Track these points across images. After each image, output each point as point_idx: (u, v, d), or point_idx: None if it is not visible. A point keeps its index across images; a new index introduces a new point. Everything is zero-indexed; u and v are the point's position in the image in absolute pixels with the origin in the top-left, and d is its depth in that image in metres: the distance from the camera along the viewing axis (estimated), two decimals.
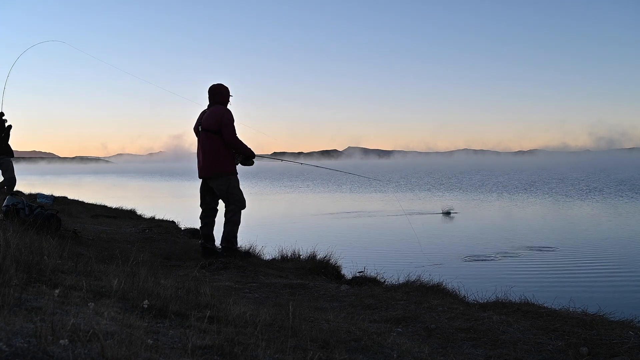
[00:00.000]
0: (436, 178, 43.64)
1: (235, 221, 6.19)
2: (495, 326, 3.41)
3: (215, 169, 6.16)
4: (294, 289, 4.62)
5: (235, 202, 6.18)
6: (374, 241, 11.26)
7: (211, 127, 6.12)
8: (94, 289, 2.73)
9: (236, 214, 6.19)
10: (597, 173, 45.14)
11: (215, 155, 6.14)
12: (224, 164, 6.16)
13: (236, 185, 6.24)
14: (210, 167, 6.18)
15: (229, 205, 6.20)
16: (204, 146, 6.20)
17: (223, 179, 6.17)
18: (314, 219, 15.92)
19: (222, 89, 6.29)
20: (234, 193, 6.18)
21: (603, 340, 3.18)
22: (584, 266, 8.35)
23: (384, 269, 6.53)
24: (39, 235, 4.28)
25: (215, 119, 6.10)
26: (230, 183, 6.18)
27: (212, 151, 6.14)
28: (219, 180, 6.18)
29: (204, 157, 6.21)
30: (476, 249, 9.88)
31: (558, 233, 12.01)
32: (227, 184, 6.17)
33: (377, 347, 2.69)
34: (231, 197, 6.17)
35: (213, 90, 6.29)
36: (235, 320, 2.59)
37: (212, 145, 6.14)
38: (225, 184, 6.17)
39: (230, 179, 6.19)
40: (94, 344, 1.78)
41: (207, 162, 6.19)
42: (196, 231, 10.00)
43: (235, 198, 6.18)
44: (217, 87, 6.29)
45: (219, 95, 6.27)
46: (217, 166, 6.15)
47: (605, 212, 16.82)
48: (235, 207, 6.17)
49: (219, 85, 6.30)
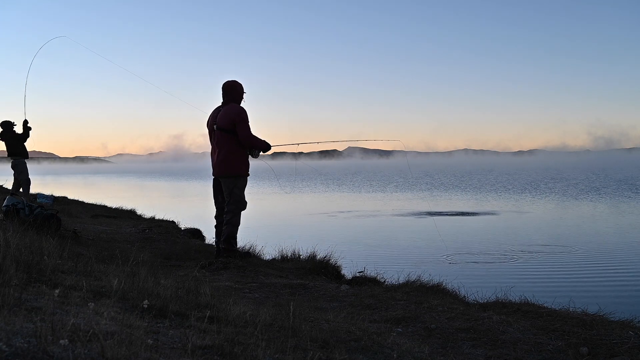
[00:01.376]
0: (436, 178, 43.65)
1: (234, 222, 6.18)
2: (495, 326, 3.41)
3: (228, 169, 6.17)
4: (294, 289, 4.62)
5: (236, 203, 6.17)
6: (374, 241, 11.26)
7: (226, 127, 6.12)
8: (94, 289, 2.73)
9: (236, 215, 6.18)
10: (597, 173, 45.17)
11: (229, 155, 6.15)
12: (236, 165, 6.17)
13: (241, 187, 6.23)
14: (223, 166, 6.19)
15: (229, 205, 6.20)
16: (218, 145, 6.21)
17: (232, 179, 6.18)
18: (314, 219, 15.92)
19: (237, 86, 6.27)
20: (237, 194, 6.18)
21: (603, 340, 3.18)
22: (584, 266, 8.35)
23: (384, 269, 6.53)
24: (39, 235, 4.28)
25: (230, 118, 6.10)
26: (237, 184, 6.19)
27: (226, 151, 6.15)
28: (228, 179, 6.19)
29: (218, 156, 6.21)
30: (476, 249, 9.88)
31: (558, 233, 12.01)
32: (234, 183, 6.17)
33: (377, 347, 2.69)
34: (233, 197, 6.17)
35: (227, 87, 6.24)
36: (235, 320, 2.59)
37: (227, 144, 6.14)
38: (232, 184, 6.17)
39: (239, 179, 6.20)
40: (94, 344, 1.78)
41: (220, 161, 6.19)
42: (196, 231, 10.01)
43: (236, 198, 6.17)
44: (231, 83, 6.26)
45: (234, 93, 6.24)
46: (230, 166, 6.16)
47: (605, 211, 16.83)
48: (235, 207, 6.17)
49: (232, 82, 6.27)
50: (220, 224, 6.32)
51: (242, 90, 6.31)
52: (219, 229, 6.32)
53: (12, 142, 11.23)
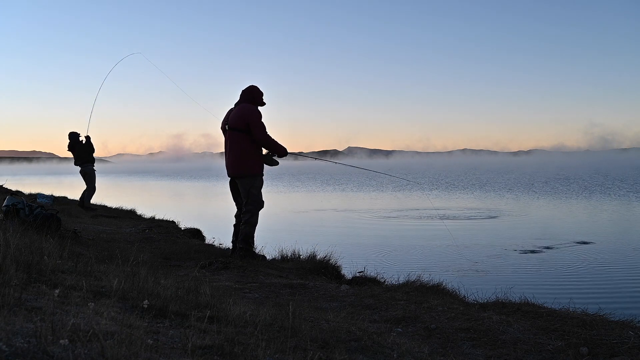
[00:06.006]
0: (435, 178, 43.64)
1: (252, 222, 6.22)
2: (495, 326, 3.41)
3: (242, 169, 6.19)
4: (294, 289, 4.63)
5: (253, 203, 6.21)
6: (375, 241, 11.26)
7: (237, 126, 6.14)
8: (94, 289, 2.73)
9: (254, 215, 6.21)
10: (597, 172, 45.15)
11: (241, 155, 6.17)
12: (250, 164, 6.18)
13: (258, 186, 6.24)
14: (236, 166, 6.22)
15: (247, 205, 6.23)
16: (230, 145, 6.23)
17: (248, 179, 6.19)
18: (315, 219, 15.92)
19: (253, 89, 6.32)
20: (254, 194, 6.21)
21: (603, 340, 3.18)
22: (584, 266, 8.35)
23: (383, 269, 6.54)
24: (39, 235, 4.29)
25: (242, 118, 6.12)
26: (254, 183, 6.20)
27: (239, 150, 6.17)
28: (244, 179, 6.20)
29: (231, 156, 6.24)
30: (476, 249, 9.89)
31: (558, 233, 12.01)
32: (250, 183, 6.19)
33: (377, 347, 2.69)
34: (251, 197, 6.20)
35: (245, 89, 6.34)
36: (235, 320, 2.59)
37: (239, 144, 6.16)
38: (248, 184, 6.19)
39: (254, 179, 6.21)
40: (94, 344, 1.78)
41: (233, 161, 6.22)
42: (196, 231, 10.02)
43: (254, 199, 6.20)
44: (250, 87, 6.34)
45: (249, 95, 6.30)
46: (244, 166, 6.18)
47: (605, 211, 16.82)
48: (253, 207, 6.20)
49: (251, 86, 6.35)
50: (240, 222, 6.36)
51: (259, 94, 6.32)
52: (237, 228, 6.37)
53: (80, 153, 12.39)
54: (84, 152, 12.42)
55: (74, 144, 12.43)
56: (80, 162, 12.45)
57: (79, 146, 12.42)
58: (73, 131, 12.52)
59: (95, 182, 12.54)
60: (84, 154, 12.42)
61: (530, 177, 40.36)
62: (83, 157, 12.41)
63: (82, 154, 12.42)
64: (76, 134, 12.53)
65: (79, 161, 12.46)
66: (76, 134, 12.53)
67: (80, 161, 12.46)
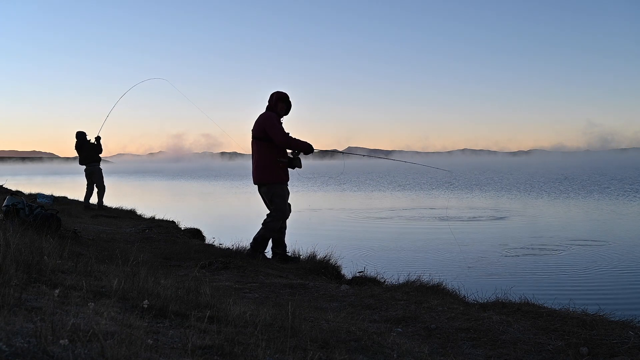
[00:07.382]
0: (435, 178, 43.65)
1: (270, 227, 6.27)
2: (495, 326, 3.41)
3: (262, 177, 6.27)
4: (294, 289, 4.63)
5: (277, 211, 6.25)
6: (375, 241, 11.26)
7: (257, 135, 6.24)
8: (94, 289, 2.73)
9: (274, 220, 6.26)
10: (596, 172, 45.14)
11: (261, 163, 6.25)
12: (269, 172, 6.23)
13: (281, 194, 6.27)
14: (257, 174, 6.30)
15: (272, 211, 6.31)
16: (253, 153, 6.34)
17: (268, 187, 6.24)
18: (314, 219, 15.92)
19: (271, 96, 6.35)
20: (277, 202, 6.26)
21: (603, 340, 3.18)
22: (584, 266, 8.34)
23: (384, 269, 6.53)
24: (39, 235, 4.29)
25: (259, 126, 6.21)
26: (275, 191, 6.23)
27: (259, 159, 6.26)
28: (264, 187, 6.28)
29: (253, 164, 6.34)
30: (476, 249, 9.88)
31: (557, 233, 12.01)
32: (271, 191, 6.23)
33: (377, 347, 2.69)
34: (275, 205, 6.26)
35: None
36: (235, 320, 2.59)
37: (259, 152, 6.25)
38: (270, 192, 6.25)
39: (275, 187, 6.24)
40: (94, 344, 1.78)
41: (255, 169, 6.31)
42: (196, 231, 10.03)
43: (277, 207, 6.25)
44: (272, 93, 6.37)
45: (268, 101, 6.36)
46: (263, 174, 6.25)
47: (605, 210, 16.82)
48: (277, 215, 6.26)
49: (272, 93, 6.37)
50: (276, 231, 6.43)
51: (276, 102, 6.31)
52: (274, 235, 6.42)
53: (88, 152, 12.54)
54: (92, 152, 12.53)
55: (81, 143, 12.54)
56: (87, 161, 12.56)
57: (87, 145, 12.51)
58: (80, 130, 12.61)
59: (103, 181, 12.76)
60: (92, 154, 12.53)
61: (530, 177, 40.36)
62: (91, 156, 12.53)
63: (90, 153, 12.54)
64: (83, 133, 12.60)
65: (86, 160, 12.60)
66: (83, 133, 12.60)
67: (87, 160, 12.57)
